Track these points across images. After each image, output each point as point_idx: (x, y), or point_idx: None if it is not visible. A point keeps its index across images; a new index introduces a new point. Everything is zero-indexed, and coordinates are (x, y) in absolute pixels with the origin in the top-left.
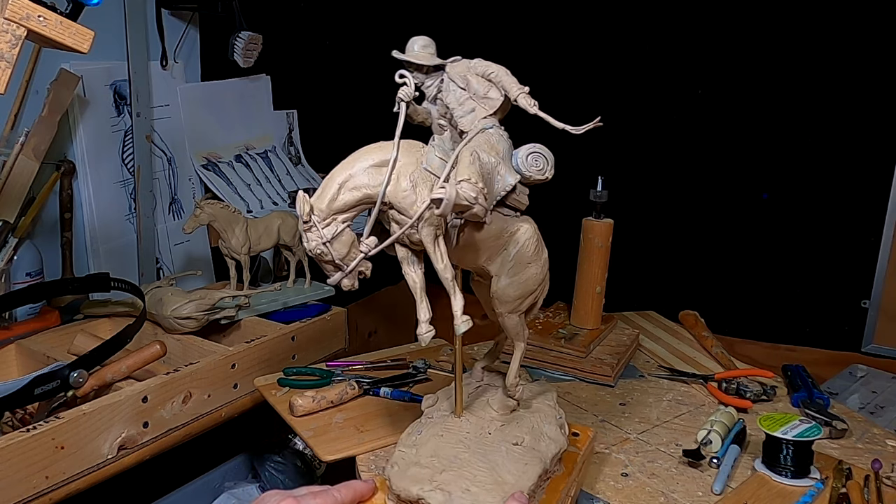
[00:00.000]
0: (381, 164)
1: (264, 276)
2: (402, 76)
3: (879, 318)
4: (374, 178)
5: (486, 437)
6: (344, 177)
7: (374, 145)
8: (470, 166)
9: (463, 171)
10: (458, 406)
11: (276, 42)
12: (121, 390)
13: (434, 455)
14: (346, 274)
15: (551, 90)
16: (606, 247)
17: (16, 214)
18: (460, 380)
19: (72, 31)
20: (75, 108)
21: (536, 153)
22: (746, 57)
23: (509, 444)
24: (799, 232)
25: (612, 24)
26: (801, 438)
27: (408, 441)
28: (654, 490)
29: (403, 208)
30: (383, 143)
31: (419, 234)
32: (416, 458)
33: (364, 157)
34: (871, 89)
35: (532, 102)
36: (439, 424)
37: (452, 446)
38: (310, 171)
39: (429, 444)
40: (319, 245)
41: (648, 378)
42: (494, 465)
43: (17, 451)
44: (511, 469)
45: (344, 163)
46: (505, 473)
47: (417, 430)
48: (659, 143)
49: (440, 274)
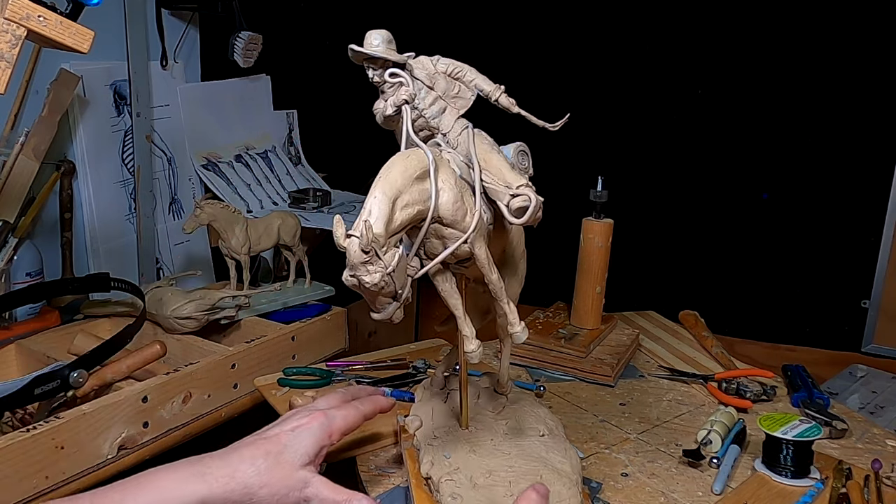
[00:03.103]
0: (421, 175)
1: (264, 276)
2: (395, 75)
3: (879, 318)
4: (421, 193)
5: (510, 438)
6: (394, 193)
7: (402, 155)
8: (513, 171)
9: (511, 177)
10: (465, 418)
11: (276, 42)
12: (121, 390)
13: (488, 472)
14: (400, 304)
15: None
16: (606, 247)
17: (16, 214)
18: (466, 392)
19: (72, 31)
20: (75, 108)
21: (523, 150)
22: (746, 57)
23: (536, 437)
24: (799, 232)
25: (612, 23)
26: (801, 438)
27: (444, 470)
28: (654, 490)
29: (455, 221)
30: (408, 152)
31: (470, 247)
32: (472, 481)
33: (406, 169)
34: (871, 89)
35: (512, 101)
36: (458, 442)
37: (494, 457)
38: (310, 171)
39: (471, 464)
40: (384, 277)
41: (648, 378)
42: (544, 460)
43: (17, 451)
44: (557, 458)
45: (387, 177)
46: (556, 463)
47: (442, 455)
48: (659, 143)
49: (494, 285)
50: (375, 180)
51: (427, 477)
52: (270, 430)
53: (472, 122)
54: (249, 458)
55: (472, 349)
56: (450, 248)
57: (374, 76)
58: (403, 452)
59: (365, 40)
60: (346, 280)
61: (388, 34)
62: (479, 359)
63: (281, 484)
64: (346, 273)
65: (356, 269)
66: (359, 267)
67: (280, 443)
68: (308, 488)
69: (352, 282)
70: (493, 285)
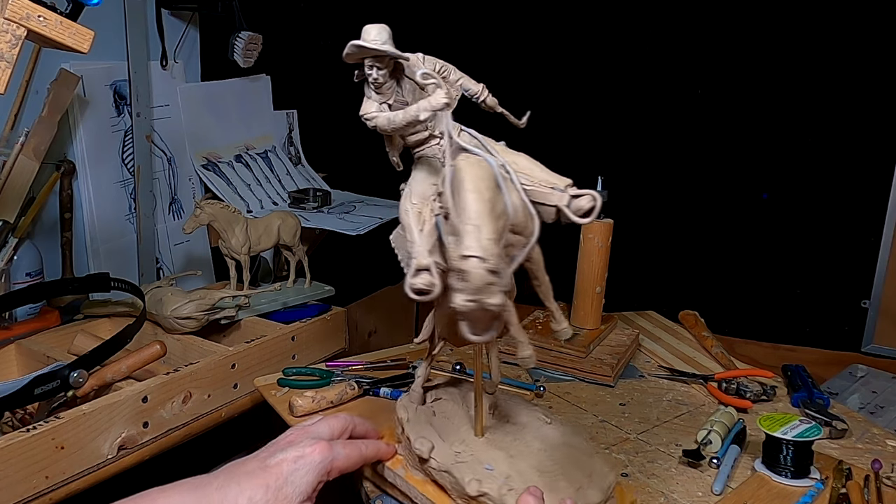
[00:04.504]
0: (495, 184)
1: (264, 276)
2: (428, 76)
3: (879, 318)
4: (500, 202)
5: (524, 433)
6: (489, 206)
7: (470, 164)
8: (545, 170)
9: (552, 177)
10: (479, 426)
11: (276, 42)
12: (121, 390)
13: (538, 471)
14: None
15: (551, 90)
16: (606, 247)
17: (16, 214)
18: (482, 400)
19: (72, 31)
20: (75, 108)
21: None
22: (746, 57)
23: (545, 425)
24: (799, 232)
25: (612, 23)
26: (801, 438)
27: (497, 482)
28: (654, 490)
29: (524, 226)
30: (472, 161)
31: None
32: (521, 484)
33: (488, 178)
34: (871, 89)
35: (495, 101)
36: (487, 450)
37: (531, 455)
38: (310, 171)
39: (518, 468)
40: (504, 297)
41: (648, 378)
42: (568, 444)
43: (17, 451)
44: (576, 439)
45: (478, 190)
46: (579, 444)
47: (483, 469)
48: (659, 143)
49: (546, 286)
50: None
51: (480, 494)
52: (273, 458)
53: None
54: (249, 490)
55: (528, 354)
56: (525, 250)
57: (378, 76)
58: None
59: (364, 35)
60: (462, 305)
61: (388, 29)
62: (534, 362)
63: None
64: (464, 298)
65: (481, 292)
66: (484, 289)
67: (282, 475)
68: None
69: (470, 306)
70: (545, 286)
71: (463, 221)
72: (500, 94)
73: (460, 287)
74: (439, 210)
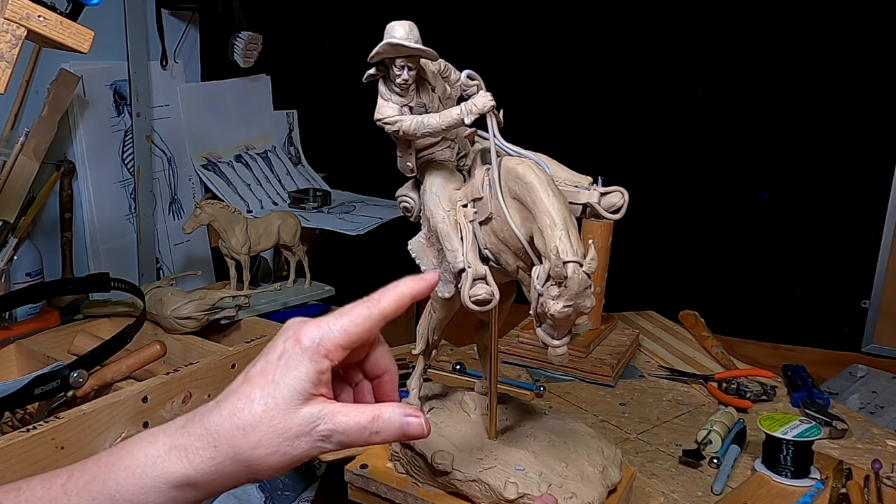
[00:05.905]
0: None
1: (264, 276)
2: (473, 76)
3: (879, 318)
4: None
5: (533, 426)
6: (568, 209)
7: (528, 168)
8: (566, 169)
9: (573, 175)
10: (493, 429)
11: (276, 42)
12: (121, 390)
13: (563, 462)
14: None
15: (551, 90)
16: (606, 247)
17: (16, 214)
18: (495, 404)
19: (72, 31)
20: (75, 108)
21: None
22: (746, 57)
23: (544, 415)
24: (799, 232)
25: (612, 23)
26: (801, 438)
27: (533, 482)
28: (654, 490)
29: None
30: (528, 164)
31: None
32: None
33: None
34: (871, 89)
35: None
36: (509, 452)
37: (551, 448)
38: (310, 171)
39: (546, 465)
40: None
41: (648, 378)
42: (573, 430)
43: (17, 451)
44: (578, 425)
45: (554, 193)
46: (584, 428)
47: (514, 470)
48: (659, 143)
49: None
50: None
51: (520, 496)
52: (255, 366)
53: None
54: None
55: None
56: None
57: (408, 77)
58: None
59: (391, 32)
60: (561, 312)
61: (412, 24)
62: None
63: (280, 438)
64: (561, 304)
65: (580, 297)
66: (581, 294)
67: (266, 382)
68: (321, 425)
69: (566, 312)
70: None
71: (548, 226)
72: (500, 94)
73: (557, 293)
74: (473, 216)
